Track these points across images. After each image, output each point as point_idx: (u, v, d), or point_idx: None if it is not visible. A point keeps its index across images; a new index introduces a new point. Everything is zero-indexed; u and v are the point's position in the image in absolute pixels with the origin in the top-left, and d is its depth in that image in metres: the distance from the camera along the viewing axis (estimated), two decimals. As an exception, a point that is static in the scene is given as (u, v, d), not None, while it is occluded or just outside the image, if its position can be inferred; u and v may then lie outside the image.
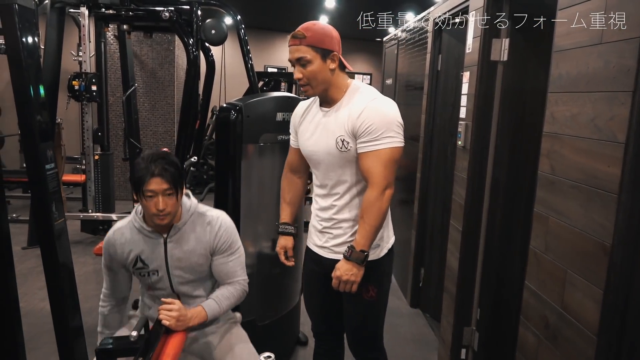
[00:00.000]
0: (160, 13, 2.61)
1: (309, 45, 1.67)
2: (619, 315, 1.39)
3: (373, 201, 1.69)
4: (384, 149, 1.67)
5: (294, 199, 2.07)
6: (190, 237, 1.79)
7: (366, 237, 1.70)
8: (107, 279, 1.85)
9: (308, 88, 1.74)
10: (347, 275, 1.72)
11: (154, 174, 1.61)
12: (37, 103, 1.47)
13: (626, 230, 1.35)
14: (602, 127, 1.43)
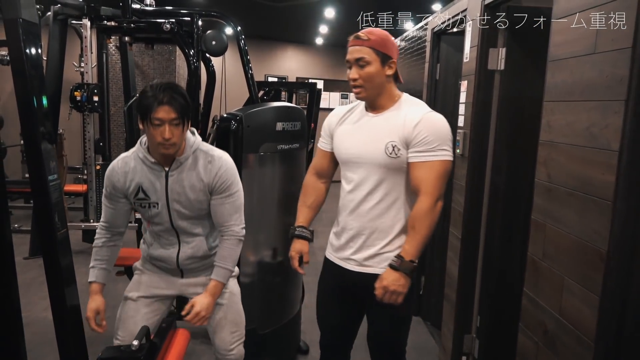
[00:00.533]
0: (161, 25, 2.65)
1: (371, 47, 1.67)
2: (616, 321, 1.41)
3: (427, 211, 1.66)
4: (438, 161, 1.67)
5: (315, 203, 1.98)
6: (191, 173, 1.80)
7: (416, 247, 1.67)
8: (107, 210, 1.86)
9: (361, 90, 1.71)
10: (394, 286, 1.65)
11: (162, 102, 1.62)
12: (41, 115, 1.50)
13: (621, 237, 1.37)
14: (597, 135, 1.45)
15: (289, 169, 2.65)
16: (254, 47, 8.81)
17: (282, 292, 2.71)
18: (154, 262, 1.96)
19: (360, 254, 1.79)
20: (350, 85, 1.72)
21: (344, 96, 9.37)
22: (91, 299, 1.84)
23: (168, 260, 1.92)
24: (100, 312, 1.84)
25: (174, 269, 1.95)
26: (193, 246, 1.91)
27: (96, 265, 1.88)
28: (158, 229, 1.88)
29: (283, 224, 2.71)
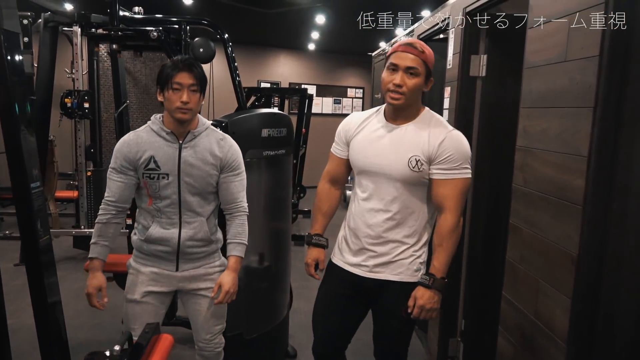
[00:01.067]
0: (148, 33, 2.67)
1: (423, 60, 1.68)
2: (587, 323, 1.44)
3: (453, 228, 1.71)
4: (461, 178, 1.71)
5: (330, 210, 2.03)
6: (204, 146, 1.91)
7: (445, 264, 1.73)
8: (114, 184, 1.88)
9: (401, 97, 1.69)
10: (430, 304, 1.70)
11: (182, 69, 1.78)
12: (24, 122, 1.52)
13: (591, 241, 1.40)
14: (569, 141, 1.49)
15: (275, 175, 2.68)
16: (246, 53, 8.86)
17: (269, 297, 2.73)
18: (151, 247, 1.94)
19: (372, 260, 1.81)
20: (389, 88, 1.69)
21: (337, 101, 9.41)
22: (92, 276, 1.87)
23: (168, 242, 1.92)
24: (102, 289, 1.88)
25: (171, 256, 1.94)
26: (194, 227, 1.93)
27: (99, 241, 1.89)
28: (163, 205, 1.89)
29: (270, 229, 2.74)
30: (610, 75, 1.33)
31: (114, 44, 2.79)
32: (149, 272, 1.97)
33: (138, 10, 3.16)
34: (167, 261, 1.97)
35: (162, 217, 1.92)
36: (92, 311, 1.91)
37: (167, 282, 1.99)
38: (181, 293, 2.06)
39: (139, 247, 1.98)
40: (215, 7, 5.55)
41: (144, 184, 1.89)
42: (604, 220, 1.39)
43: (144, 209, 1.95)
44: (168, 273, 1.98)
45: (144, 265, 1.98)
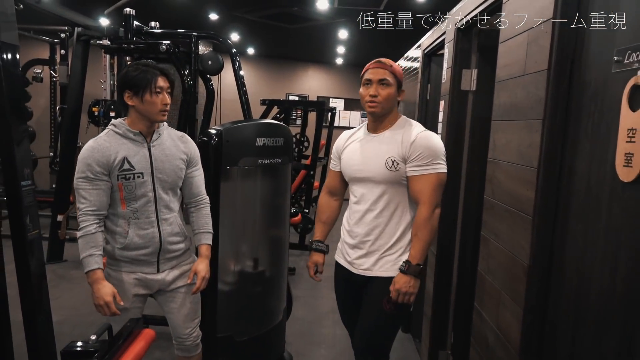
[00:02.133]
0: (158, 46, 2.84)
1: (392, 73, 1.94)
2: (536, 334, 1.44)
3: (426, 219, 1.88)
4: (433, 173, 1.89)
5: (329, 219, 2.25)
6: (169, 143, 2.04)
7: (420, 252, 1.88)
8: (91, 193, 1.88)
9: (377, 105, 1.93)
10: (405, 288, 1.86)
11: (160, 74, 1.91)
12: (16, 129, 1.67)
13: (540, 251, 1.42)
14: (524, 153, 1.51)
15: (271, 183, 2.77)
16: (275, 67, 9.08)
17: (262, 302, 2.80)
18: (132, 254, 1.99)
19: (363, 259, 2.00)
20: (367, 100, 1.94)
21: (365, 115, 9.46)
22: (101, 285, 1.89)
23: (150, 242, 1.98)
24: (115, 295, 1.92)
25: (152, 258, 2.01)
26: (170, 222, 2.04)
27: (94, 252, 1.89)
28: (139, 205, 1.95)
29: (265, 235, 2.82)
30: (556, 89, 1.35)
31: (127, 55, 2.97)
32: (132, 279, 2.03)
33: (154, 24, 3.35)
34: (147, 264, 2.04)
35: (140, 218, 1.97)
36: None
37: (150, 285, 2.08)
38: (158, 293, 2.14)
39: (118, 255, 2.00)
40: (241, 22, 5.76)
41: (118, 187, 1.92)
42: (551, 230, 1.40)
43: (117, 215, 1.97)
44: (150, 278, 2.06)
45: (124, 273, 2.02)
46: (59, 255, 5.03)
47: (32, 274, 1.73)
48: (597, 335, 1.19)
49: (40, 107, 7.46)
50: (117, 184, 1.92)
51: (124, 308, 2.02)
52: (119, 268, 2.04)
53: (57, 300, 3.94)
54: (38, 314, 1.78)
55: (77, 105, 4.74)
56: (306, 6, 5.00)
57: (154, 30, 3.31)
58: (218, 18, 5.71)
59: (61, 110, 5.32)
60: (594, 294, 1.21)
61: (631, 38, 1.12)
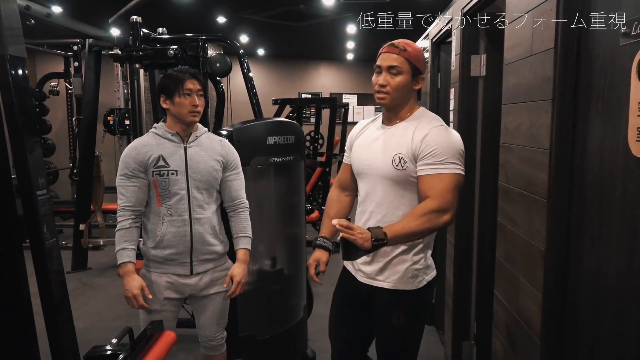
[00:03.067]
0: (166, 51, 2.86)
1: (406, 58, 1.66)
2: (557, 318, 1.41)
3: (427, 211, 1.57)
4: (447, 173, 1.60)
5: (338, 215, 1.97)
6: (207, 146, 2.09)
7: (396, 232, 1.55)
8: (129, 190, 1.98)
9: (385, 96, 1.69)
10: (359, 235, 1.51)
11: (190, 76, 1.97)
12: (29, 139, 1.70)
13: (556, 234, 1.39)
14: (535, 135, 1.48)
15: (283, 181, 2.77)
16: (286, 66, 9.09)
17: (282, 300, 2.80)
18: (165, 252, 2.02)
19: (370, 266, 1.78)
20: (375, 90, 1.72)
21: (378, 109, 9.42)
22: (130, 278, 1.95)
23: (181, 240, 2.01)
24: (144, 288, 1.97)
25: (185, 258, 2.04)
26: (203, 222, 2.05)
27: (127, 246, 1.98)
28: (173, 202, 2.00)
29: (281, 233, 2.82)
30: (564, 67, 1.32)
31: (136, 63, 3.00)
32: (164, 281, 2.06)
33: (162, 31, 3.38)
34: (180, 265, 2.06)
35: (173, 216, 2.01)
36: (129, 315, 2.04)
37: (182, 289, 2.10)
38: (190, 298, 2.17)
39: (151, 256, 2.06)
40: (248, 24, 5.77)
41: (153, 183, 2.00)
42: (567, 212, 1.37)
43: (153, 212, 2.04)
44: (183, 282, 2.08)
45: (157, 275, 2.07)
46: (83, 263, 5.12)
47: (52, 281, 1.77)
48: (618, 316, 1.16)
49: (59, 120, 7.61)
50: (152, 181, 2.00)
51: (156, 310, 2.06)
52: (152, 269, 2.09)
53: (82, 308, 4.01)
54: (60, 320, 1.81)
55: (92, 116, 4.81)
56: (312, 3, 4.99)
57: (162, 36, 3.34)
58: (226, 21, 5.74)
59: (78, 121, 5.42)
60: (613, 273, 1.18)
61: (638, 9, 1.08)
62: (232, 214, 2.21)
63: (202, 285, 2.12)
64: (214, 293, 2.16)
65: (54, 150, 7.17)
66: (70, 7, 4.95)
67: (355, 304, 1.90)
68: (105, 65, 5.02)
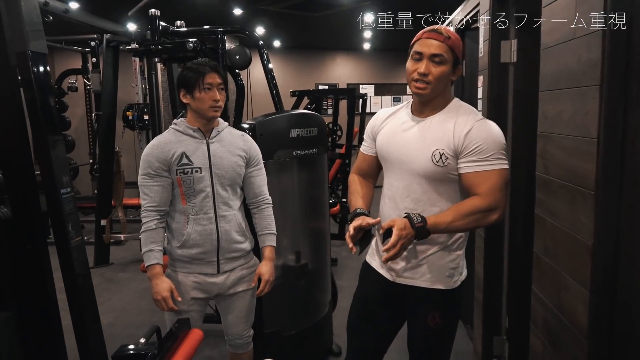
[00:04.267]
0: (185, 45, 2.82)
1: (450, 47, 1.56)
2: (606, 317, 1.34)
3: (476, 209, 1.52)
4: (495, 169, 1.53)
5: (368, 195, 1.84)
6: (229, 140, 2.04)
7: (441, 226, 1.52)
8: (153, 189, 1.92)
9: (427, 87, 1.57)
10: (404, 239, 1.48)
11: (210, 70, 1.90)
12: (51, 138, 1.67)
13: (606, 228, 1.31)
14: (579, 124, 1.40)
15: (307, 174, 2.72)
16: (302, 57, 9.01)
17: (307, 295, 2.77)
18: (191, 252, 1.98)
19: (400, 264, 1.70)
20: (414, 78, 1.58)
21: (396, 99, 9.30)
22: (160, 280, 1.92)
23: (208, 239, 1.97)
24: (173, 291, 1.94)
25: (211, 257, 2.00)
26: (229, 220, 2.01)
27: (154, 248, 1.94)
28: (198, 200, 1.95)
29: (305, 227, 2.78)
30: (613, 50, 1.24)
31: (155, 57, 2.96)
32: (190, 281, 2.03)
33: (180, 24, 3.33)
34: (207, 264, 2.02)
35: (199, 214, 1.96)
36: (153, 310, 2.02)
37: (209, 289, 2.06)
38: (217, 297, 2.13)
39: (177, 255, 2.01)
40: (265, 15, 5.71)
41: (177, 182, 1.95)
42: (617, 205, 1.29)
43: (178, 211, 2.00)
44: (210, 281, 2.04)
45: (184, 274, 2.03)
46: (106, 258, 5.14)
47: (78, 280, 1.74)
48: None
49: (78, 116, 7.64)
50: (176, 179, 1.95)
51: (183, 310, 2.02)
52: (178, 269, 2.05)
53: (106, 303, 4.03)
54: (87, 320, 1.79)
55: (111, 111, 4.80)
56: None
57: (180, 29, 3.30)
58: (242, 13, 5.68)
59: (97, 117, 5.42)
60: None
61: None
62: (255, 211, 2.16)
63: (229, 284, 2.08)
64: (241, 291, 2.13)
65: (73, 146, 7.21)
66: (88, 2, 4.94)
67: (382, 304, 1.81)
68: (123, 60, 5.02)
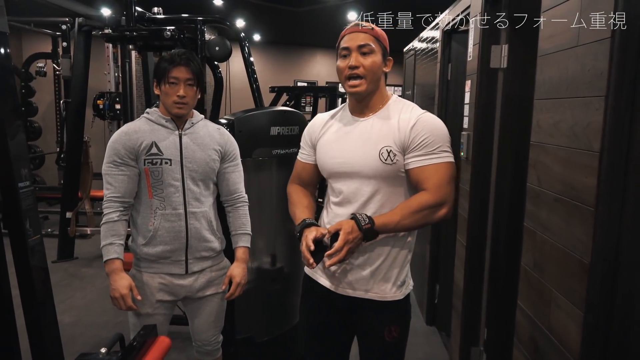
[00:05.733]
0: (162, 32, 2.67)
1: (375, 37, 1.55)
2: (600, 339, 1.27)
3: (423, 206, 1.49)
4: (442, 162, 1.53)
5: (311, 206, 1.75)
6: (204, 134, 1.93)
7: (389, 226, 1.48)
8: (117, 179, 1.81)
9: (362, 82, 1.54)
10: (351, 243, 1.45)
11: (179, 63, 1.79)
12: (10, 124, 1.52)
13: (604, 246, 1.24)
14: (580, 135, 1.33)
15: (287, 174, 2.56)
16: (282, 53, 8.88)
17: (282, 300, 2.66)
18: (157, 250, 1.87)
19: (348, 275, 1.61)
20: (346, 75, 1.54)
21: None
22: (118, 277, 1.80)
23: (176, 236, 1.86)
24: (132, 288, 1.83)
25: (179, 255, 1.88)
26: (199, 217, 1.89)
27: (115, 241, 1.82)
28: (166, 194, 1.83)
29: (283, 229, 2.67)
30: (622, 60, 1.17)
31: (130, 44, 2.81)
32: (156, 283, 1.91)
33: (157, 10, 3.18)
34: (175, 264, 1.91)
35: (167, 209, 1.85)
36: (117, 310, 1.87)
37: (176, 291, 1.95)
38: (184, 300, 2.01)
39: (143, 253, 1.89)
40: (246, 7, 5.56)
41: (145, 172, 1.83)
42: (618, 223, 1.22)
43: (143, 204, 1.87)
44: (177, 283, 1.93)
45: (149, 275, 1.91)
46: (70, 253, 4.93)
47: (35, 281, 1.59)
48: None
49: (46, 102, 7.34)
50: (144, 170, 1.83)
51: (147, 313, 1.90)
52: (143, 269, 1.92)
53: (68, 301, 3.84)
54: (43, 324, 1.64)
55: (81, 99, 4.59)
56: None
57: (157, 16, 3.14)
58: (222, 3, 5.52)
59: (65, 105, 5.19)
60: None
61: None
62: (230, 209, 2.05)
63: (197, 287, 1.96)
64: (210, 294, 2.01)
65: (40, 133, 6.93)
66: (59, -17, 4.71)
67: (331, 318, 1.71)
68: (95, 46, 4.80)
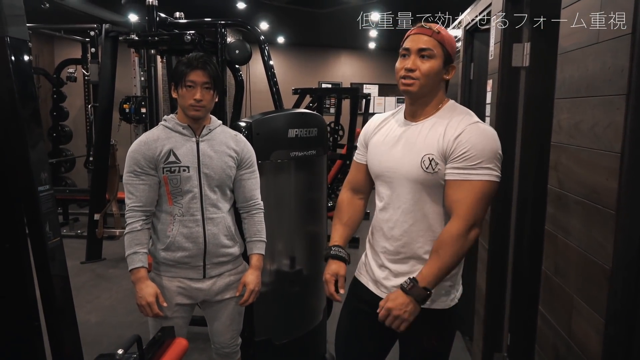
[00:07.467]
0: (182, 36, 2.70)
1: (439, 41, 1.46)
2: (622, 348, 1.22)
3: (455, 238, 1.42)
4: (480, 180, 1.40)
5: (351, 221, 1.75)
6: (220, 140, 1.93)
7: (434, 275, 1.43)
8: (138, 188, 1.83)
9: (414, 82, 1.46)
10: (399, 311, 1.42)
11: (196, 67, 1.79)
12: (29, 129, 1.55)
13: (626, 252, 1.19)
14: (601, 136, 1.29)
15: (305, 176, 2.60)
16: (306, 55, 8.89)
17: (301, 302, 2.65)
18: (176, 255, 1.88)
19: (392, 280, 1.58)
20: (401, 75, 1.48)
21: (400, 100, 9.18)
22: (144, 285, 1.82)
23: (194, 242, 1.87)
24: (158, 295, 1.84)
25: (197, 261, 1.90)
26: (217, 223, 1.90)
27: (139, 250, 1.84)
28: (185, 201, 1.85)
29: (301, 231, 2.66)
30: (644, 56, 1.12)
31: (151, 48, 2.85)
32: (175, 286, 1.92)
33: (179, 15, 3.22)
34: (193, 269, 1.92)
35: (185, 216, 1.86)
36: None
37: (194, 295, 1.96)
38: (202, 303, 2.03)
39: (161, 258, 1.91)
40: (268, 9, 5.59)
41: (164, 180, 1.85)
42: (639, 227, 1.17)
43: (163, 211, 1.90)
44: (195, 286, 1.94)
45: (168, 279, 1.93)
46: (98, 254, 5.03)
47: (55, 285, 1.63)
48: None
49: (76, 107, 7.54)
50: (162, 178, 1.84)
51: (166, 317, 1.92)
52: (162, 272, 1.94)
53: (95, 301, 3.92)
54: (63, 327, 1.68)
55: (108, 103, 4.69)
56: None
57: (179, 20, 3.18)
58: (246, 7, 5.56)
59: (93, 109, 5.31)
60: None
61: None
62: (245, 216, 2.05)
63: (215, 290, 1.97)
64: (229, 298, 2.01)
65: (71, 137, 7.11)
66: (88, -9, 4.83)
67: (372, 321, 1.62)
68: (122, 51, 4.89)
